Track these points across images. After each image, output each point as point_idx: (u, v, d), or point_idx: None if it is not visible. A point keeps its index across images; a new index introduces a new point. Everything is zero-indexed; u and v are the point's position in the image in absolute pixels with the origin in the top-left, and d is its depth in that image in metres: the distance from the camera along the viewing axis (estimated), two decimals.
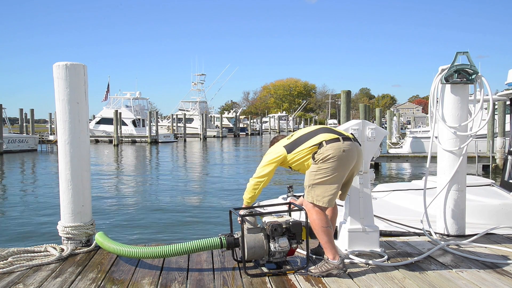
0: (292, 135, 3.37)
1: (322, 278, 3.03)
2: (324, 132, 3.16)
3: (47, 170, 20.10)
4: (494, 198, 4.95)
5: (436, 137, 4.23)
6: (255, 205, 3.39)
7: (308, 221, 3.15)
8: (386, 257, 3.43)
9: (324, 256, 3.13)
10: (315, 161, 3.07)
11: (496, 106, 17.80)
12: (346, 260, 3.34)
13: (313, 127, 3.33)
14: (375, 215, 3.74)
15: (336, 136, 3.10)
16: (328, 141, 3.06)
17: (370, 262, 3.33)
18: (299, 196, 5.87)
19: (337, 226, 3.78)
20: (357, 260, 3.38)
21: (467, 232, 4.19)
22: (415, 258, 3.44)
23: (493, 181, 5.55)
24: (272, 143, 3.47)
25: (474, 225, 4.46)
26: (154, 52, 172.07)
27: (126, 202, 11.80)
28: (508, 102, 6.19)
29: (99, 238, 3.54)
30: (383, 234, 3.80)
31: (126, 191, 14.05)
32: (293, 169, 3.32)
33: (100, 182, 15.44)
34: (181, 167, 21.76)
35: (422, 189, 4.31)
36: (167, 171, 19.59)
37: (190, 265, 3.36)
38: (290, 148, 3.23)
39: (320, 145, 3.07)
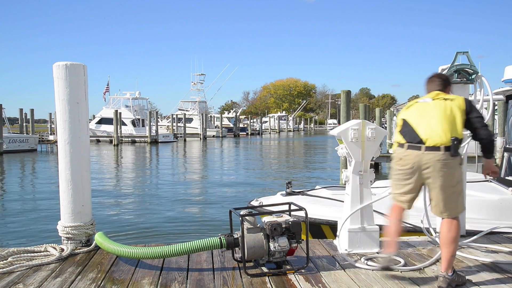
0: (409, 106, 3.14)
1: (322, 278, 3.04)
2: (412, 134, 2.96)
3: (47, 170, 20.11)
4: (492, 194, 4.96)
5: None
6: (256, 204, 3.38)
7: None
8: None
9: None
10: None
11: (496, 106, 17.79)
12: (346, 260, 3.33)
13: (422, 116, 2.99)
14: (373, 210, 3.75)
15: (404, 142, 2.97)
16: (404, 144, 2.98)
17: (370, 262, 3.33)
18: (298, 192, 5.81)
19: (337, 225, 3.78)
20: (357, 259, 3.37)
21: (466, 227, 4.20)
22: (422, 264, 3.30)
23: (491, 177, 5.55)
24: (428, 83, 3.20)
25: (473, 220, 4.47)
26: (154, 52, 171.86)
27: (126, 202, 11.80)
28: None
29: (99, 239, 3.53)
30: (380, 228, 3.81)
31: (126, 191, 14.04)
32: None
33: (100, 182, 15.45)
34: (181, 167, 21.75)
35: None
36: (167, 171, 19.58)
37: (190, 265, 3.36)
38: (402, 128, 3.06)
39: (401, 145, 3.01)
